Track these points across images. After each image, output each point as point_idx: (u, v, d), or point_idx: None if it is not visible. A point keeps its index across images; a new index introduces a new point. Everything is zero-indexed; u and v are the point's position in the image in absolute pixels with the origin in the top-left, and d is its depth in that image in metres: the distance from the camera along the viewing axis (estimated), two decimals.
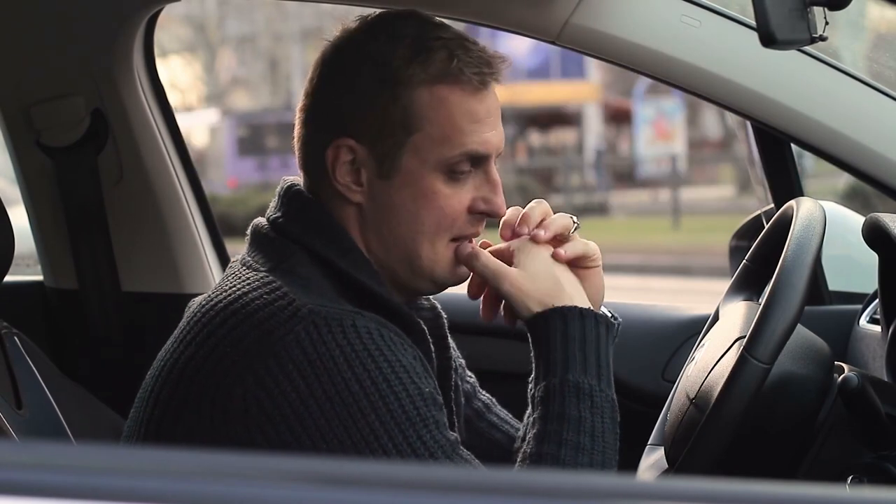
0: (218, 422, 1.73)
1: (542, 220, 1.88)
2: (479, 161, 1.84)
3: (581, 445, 1.78)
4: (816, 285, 2.67)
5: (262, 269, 1.81)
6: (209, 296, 1.83)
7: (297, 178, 1.91)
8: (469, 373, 2.12)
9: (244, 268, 1.83)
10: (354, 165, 1.82)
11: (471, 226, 1.86)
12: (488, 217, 1.87)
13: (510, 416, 2.12)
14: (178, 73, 35.08)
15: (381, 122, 1.81)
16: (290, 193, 1.87)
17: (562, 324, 1.81)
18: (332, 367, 1.70)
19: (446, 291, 1.92)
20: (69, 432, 2.13)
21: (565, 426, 1.78)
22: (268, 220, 1.88)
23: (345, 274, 1.80)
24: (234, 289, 1.81)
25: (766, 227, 2.14)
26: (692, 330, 2.61)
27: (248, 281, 1.80)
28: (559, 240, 1.88)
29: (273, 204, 1.89)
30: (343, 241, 1.83)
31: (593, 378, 1.80)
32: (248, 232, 1.89)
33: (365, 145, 1.81)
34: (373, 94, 1.81)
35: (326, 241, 1.82)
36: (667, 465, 2.05)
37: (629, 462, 2.16)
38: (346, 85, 1.83)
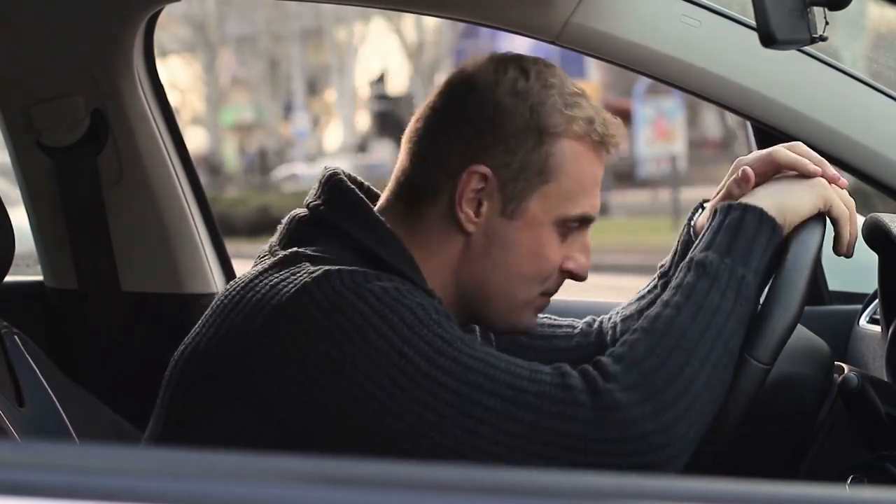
0: (244, 392, 1.72)
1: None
2: (584, 223, 1.87)
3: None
4: (816, 285, 2.67)
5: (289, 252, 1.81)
6: (236, 280, 1.84)
7: (338, 167, 1.91)
8: None
9: (271, 255, 1.84)
10: (479, 195, 1.83)
11: (558, 283, 1.89)
12: (571, 278, 1.90)
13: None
14: (178, 73, 35.09)
15: (522, 164, 1.82)
16: (332, 181, 1.87)
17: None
18: (348, 307, 1.69)
19: None
20: (71, 430, 2.13)
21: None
22: (307, 206, 1.87)
23: (383, 262, 1.79)
24: (256, 268, 1.82)
25: None
26: None
27: (273, 261, 1.80)
28: None
29: (313, 191, 1.88)
30: (381, 230, 1.82)
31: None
32: (284, 222, 1.89)
33: (499, 180, 1.82)
34: (521, 134, 1.82)
35: (366, 230, 1.82)
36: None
37: None
38: (492, 117, 1.83)
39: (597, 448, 1.69)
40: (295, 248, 1.81)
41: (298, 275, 1.73)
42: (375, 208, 1.87)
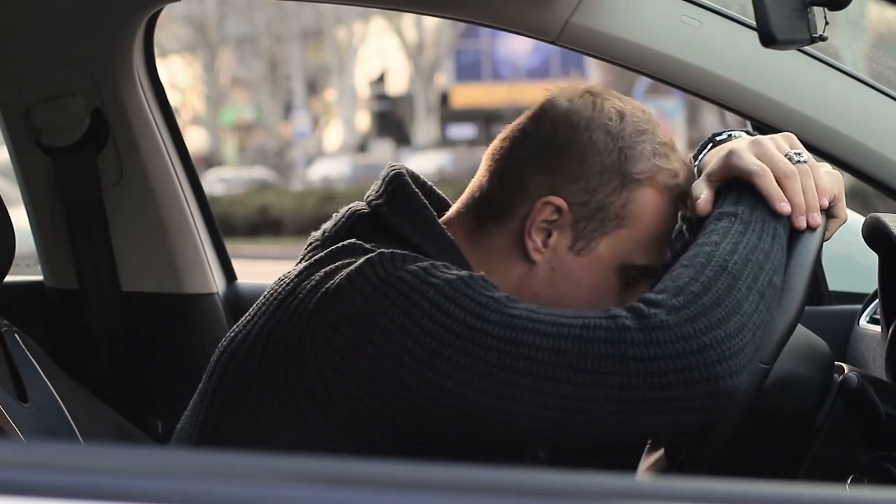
0: (296, 377, 1.71)
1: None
2: (647, 273, 1.86)
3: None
4: (816, 285, 2.67)
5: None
6: (290, 270, 1.83)
7: (402, 165, 1.90)
8: None
9: (322, 245, 1.83)
10: (550, 226, 1.82)
11: None
12: None
13: None
14: (178, 73, 35.11)
15: (600, 205, 1.81)
16: (396, 182, 1.85)
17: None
18: (397, 280, 1.69)
19: None
20: (74, 427, 2.13)
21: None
22: (367, 203, 1.86)
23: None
24: (310, 260, 1.81)
25: None
26: None
27: (329, 251, 1.79)
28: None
29: (374, 188, 1.87)
30: (443, 240, 1.81)
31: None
32: (340, 213, 1.87)
33: (574, 215, 1.81)
34: (606, 174, 1.81)
35: (427, 239, 1.81)
36: (667, 465, 2.05)
37: (629, 462, 2.16)
38: (581, 152, 1.82)
39: (649, 367, 1.67)
40: (353, 240, 1.80)
41: (353, 263, 1.73)
42: (443, 218, 1.86)
